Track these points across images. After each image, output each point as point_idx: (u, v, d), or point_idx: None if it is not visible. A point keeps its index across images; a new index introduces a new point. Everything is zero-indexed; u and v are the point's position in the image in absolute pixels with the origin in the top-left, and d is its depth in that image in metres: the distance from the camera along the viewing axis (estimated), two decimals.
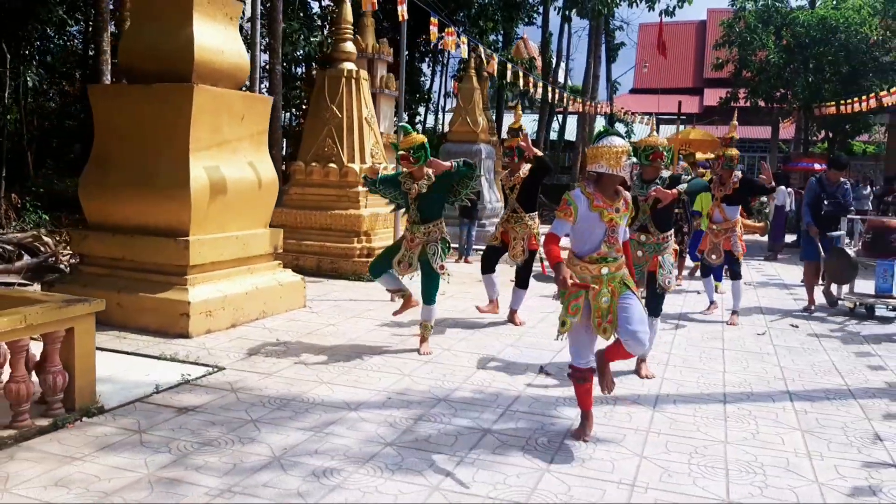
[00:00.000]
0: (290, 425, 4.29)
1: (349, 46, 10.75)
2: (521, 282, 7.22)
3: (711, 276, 8.26)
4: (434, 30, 9.50)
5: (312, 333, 6.64)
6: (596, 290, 4.06)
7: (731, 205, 7.87)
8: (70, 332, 4.23)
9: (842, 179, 8.72)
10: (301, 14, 20.66)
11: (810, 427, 4.61)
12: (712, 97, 34.56)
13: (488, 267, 7.36)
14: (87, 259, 7.01)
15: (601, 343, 4.31)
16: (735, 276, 7.87)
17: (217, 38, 6.95)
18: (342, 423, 4.36)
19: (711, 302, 8.27)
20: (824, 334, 7.39)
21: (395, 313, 6.45)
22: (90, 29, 17.67)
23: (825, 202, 8.50)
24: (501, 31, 24.89)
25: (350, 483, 3.55)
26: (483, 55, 13.53)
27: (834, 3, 18.69)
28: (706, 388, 5.39)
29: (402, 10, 8.08)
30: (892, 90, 13.72)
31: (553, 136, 29.53)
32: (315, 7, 24.41)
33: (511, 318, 7.23)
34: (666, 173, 5.72)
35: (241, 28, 8.88)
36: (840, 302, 8.65)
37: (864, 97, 15.13)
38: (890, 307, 8.28)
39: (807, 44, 18.64)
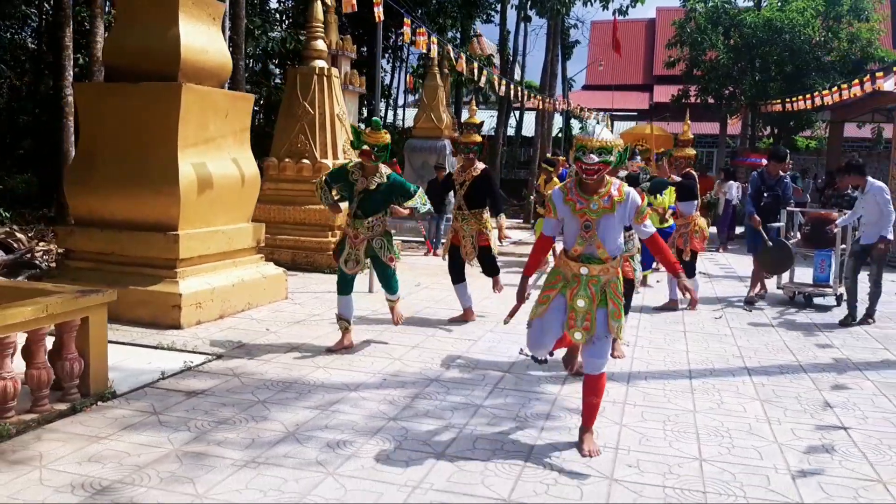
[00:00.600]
0: (297, 405, 4.59)
1: (320, 44, 10.98)
2: (491, 271, 7.20)
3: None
4: (407, 30, 9.79)
5: (299, 323, 6.92)
6: (573, 290, 3.94)
7: (685, 201, 8.07)
8: (85, 322, 4.46)
9: (781, 173, 8.97)
10: (259, 10, 20.68)
11: (768, 397, 5.10)
12: (662, 93, 35.56)
13: (458, 276, 7.17)
14: (73, 254, 7.14)
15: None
16: (689, 272, 7.92)
17: (201, 38, 7.15)
18: (345, 402, 4.68)
19: (672, 300, 8.25)
20: (775, 317, 7.98)
21: (330, 349, 5.90)
22: (43, 24, 17.41)
23: (766, 195, 8.75)
24: (459, 28, 25.26)
25: (363, 452, 3.88)
26: (452, 55, 13.85)
27: (779, 5, 19.56)
28: (672, 366, 5.87)
29: (379, 12, 8.38)
30: (833, 89, 14.54)
31: (510, 131, 30.03)
32: (273, 3, 24.40)
33: (468, 317, 7.18)
34: (623, 172, 5.64)
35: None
36: (779, 291, 9.05)
37: (807, 95, 15.96)
38: (827, 296, 8.67)
39: (754, 44, 19.51)
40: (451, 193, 7.61)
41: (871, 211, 7.72)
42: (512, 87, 19.54)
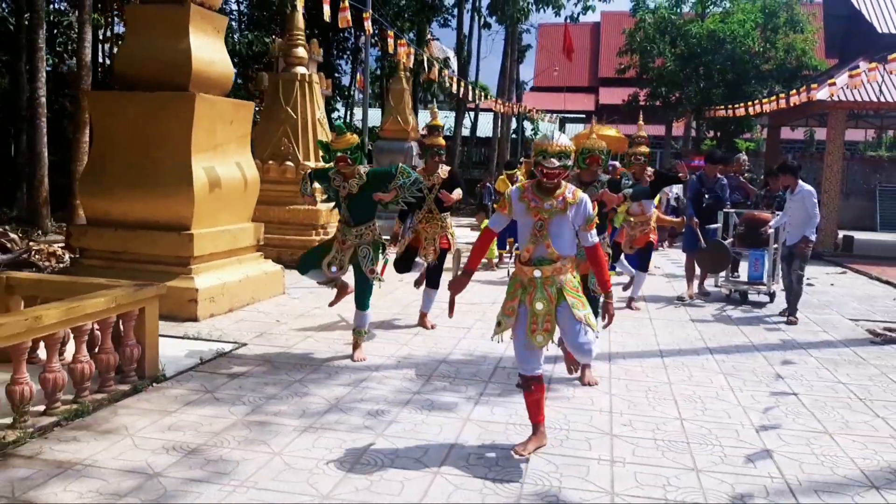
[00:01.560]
0: (331, 383, 5.22)
1: (301, 52, 11.51)
2: (433, 282, 7.09)
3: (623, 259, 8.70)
4: (391, 41, 10.38)
5: (304, 316, 7.51)
6: (531, 294, 3.99)
7: (648, 199, 8.37)
8: (142, 312, 5.00)
9: (718, 175, 9.28)
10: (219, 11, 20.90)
11: (729, 371, 5.94)
12: (607, 96, 36.98)
13: (405, 268, 7.09)
14: (86, 253, 7.56)
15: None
16: (643, 267, 8.54)
17: (208, 50, 7.65)
18: (371, 380, 5.33)
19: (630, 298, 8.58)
20: (715, 313, 8.91)
21: (331, 304, 6.21)
22: (12, 25, 17.37)
23: (706, 196, 9.08)
24: (416, 31, 25.89)
25: (401, 418, 4.54)
26: (433, 61, 14.49)
27: (721, 17, 20.86)
28: (645, 348, 6.69)
29: (368, 26, 8.97)
30: (772, 98, 15.74)
31: (465, 132, 30.83)
32: (233, 4, 24.60)
33: (421, 322, 7.13)
34: (605, 177, 5.65)
35: None
36: (718, 289, 9.40)
37: (748, 103, 17.17)
38: (761, 293, 9.06)
39: (698, 53, 20.77)
40: None
41: (798, 213, 8.04)
42: (470, 88, 20.33)
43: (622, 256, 8.64)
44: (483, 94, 22.58)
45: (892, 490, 3.80)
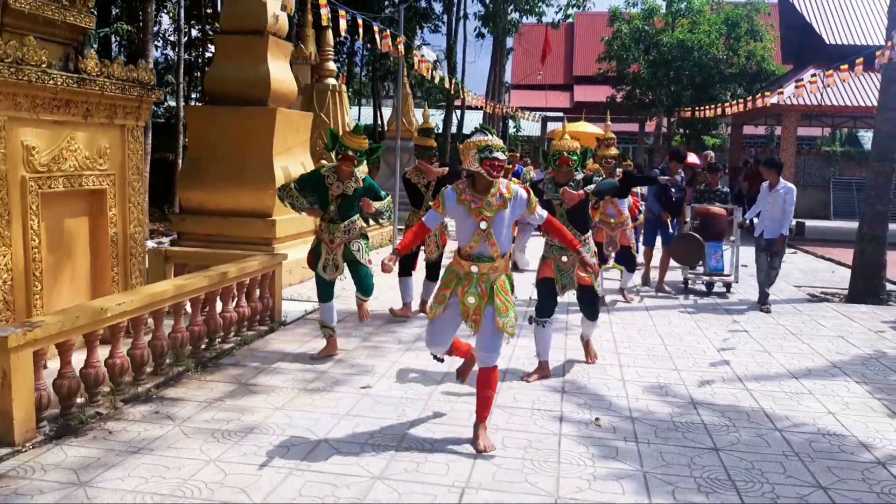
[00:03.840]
0: (411, 325, 7.09)
1: (332, 66, 13.33)
2: (432, 276, 7.45)
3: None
4: (388, 41, 12.19)
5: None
6: (464, 287, 4.12)
7: (621, 198, 8.29)
8: (274, 273, 6.82)
9: (680, 170, 9.52)
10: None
11: (698, 320, 7.91)
12: (582, 93, 39.06)
13: (406, 270, 7.43)
14: (184, 235, 9.31)
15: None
16: (630, 268, 8.74)
17: (280, 71, 9.44)
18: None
19: (621, 288, 8.92)
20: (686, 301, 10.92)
21: (315, 357, 5.87)
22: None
23: (673, 190, 9.28)
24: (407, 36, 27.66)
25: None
26: (442, 71, 16.28)
27: (689, 27, 23.04)
28: (635, 307, 8.63)
29: (401, 49, 10.74)
30: (735, 102, 17.89)
31: (453, 129, 32.70)
32: None
33: (423, 309, 7.49)
34: (580, 175, 5.56)
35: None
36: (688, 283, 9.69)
37: (714, 105, 19.30)
38: (725, 283, 9.42)
39: (669, 60, 22.93)
40: None
41: (776, 208, 8.30)
42: (461, 90, 22.22)
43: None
44: (469, 94, 24.51)
45: (806, 378, 5.78)
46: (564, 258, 5.45)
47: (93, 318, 4.47)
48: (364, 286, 6.02)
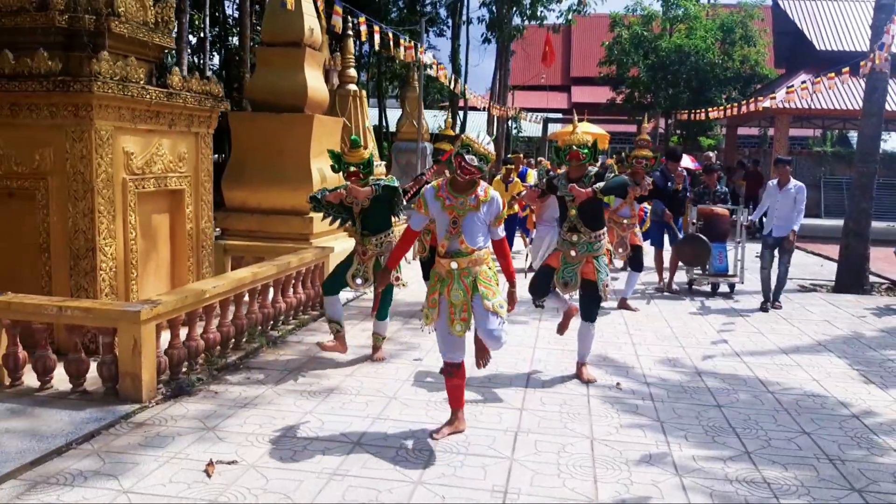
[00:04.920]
0: None
1: (353, 72, 14.11)
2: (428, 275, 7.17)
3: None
4: (406, 51, 13.01)
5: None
6: (449, 287, 4.20)
7: (640, 202, 8.70)
8: (323, 264, 7.66)
9: (680, 169, 9.77)
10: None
11: (699, 306, 8.78)
12: (579, 94, 39.97)
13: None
14: (227, 231, 10.12)
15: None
16: (637, 267, 8.60)
17: (315, 80, 10.26)
18: None
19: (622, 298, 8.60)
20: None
21: (323, 346, 5.91)
22: None
23: (672, 190, 9.39)
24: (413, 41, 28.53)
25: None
26: (450, 76, 17.11)
27: (686, 33, 23.98)
28: (642, 298, 9.50)
29: (430, 58, 11.54)
30: (729, 106, 18.78)
31: (457, 129, 33.60)
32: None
33: None
34: (594, 169, 5.50)
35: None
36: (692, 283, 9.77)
37: (709, 108, 20.19)
38: (729, 284, 9.59)
39: (667, 64, 23.84)
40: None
41: (787, 206, 8.40)
42: (467, 91, 23.09)
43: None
44: (473, 95, 25.40)
45: (795, 354, 6.64)
46: (573, 252, 5.47)
47: (196, 298, 5.31)
48: (382, 306, 5.89)
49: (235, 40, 23.93)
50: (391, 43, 12.77)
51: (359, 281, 5.85)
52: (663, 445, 4.39)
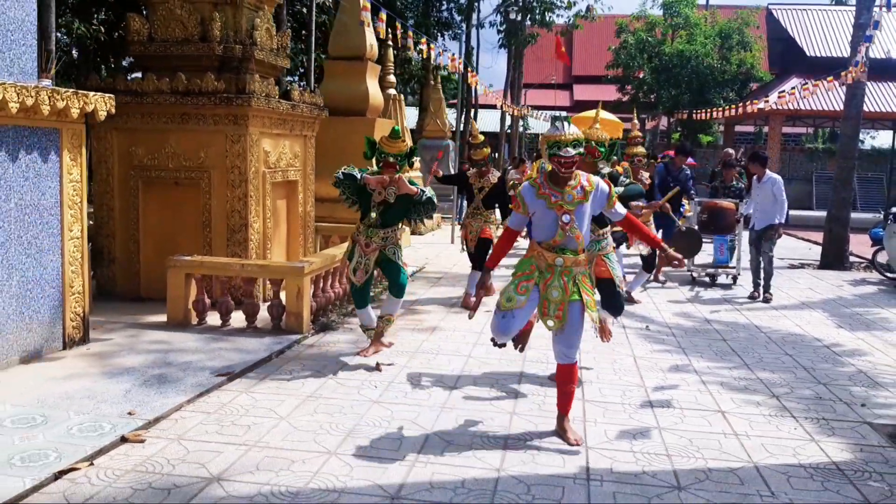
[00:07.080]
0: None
1: (392, 78, 15.83)
2: (478, 266, 7.89)
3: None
4: (423, 47, 14.72)
5: (438, 256, 11.90)
6: (547, 280, 4.04)
7: (647, 200, 8.26)
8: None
9: (684, 166, 10.20)
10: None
11: (697, 292, 10.50)
12: (581, 92, 41.67)
13: (479, 264, 7.89)
14: None
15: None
16: (648, 268, 8.88)
17: (373, 88, 11.97)
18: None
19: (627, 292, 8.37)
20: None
21: (363, 353, 5.87)
22: None
23: (671, 185, 9.49)
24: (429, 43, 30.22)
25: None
26: (476, 80, 18.68)
27: (687, 39, 25.81)
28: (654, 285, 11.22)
29: (459, 66, 13.25)
30: (726, 107, 20.54)
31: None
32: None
33: (466, 302, 7.96)
34: (606, 169, 5.46)
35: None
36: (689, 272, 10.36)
37: (708, 110, 21.95)
38: (729, 276, 10.10)
39: (670, 67, 25.64)
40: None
41: (766, 199, 8.75)
42: (475, 89, 24.81)
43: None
44: (488, 91, 27.13)
45: (783, 310, 8.37)
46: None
47: (330, 261, 7.02)
48: (398, 284, 5.83)
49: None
50: (426, 47, 14.50)
51: (359, 274, 5.75)
52: (685, 360, 6.13)
